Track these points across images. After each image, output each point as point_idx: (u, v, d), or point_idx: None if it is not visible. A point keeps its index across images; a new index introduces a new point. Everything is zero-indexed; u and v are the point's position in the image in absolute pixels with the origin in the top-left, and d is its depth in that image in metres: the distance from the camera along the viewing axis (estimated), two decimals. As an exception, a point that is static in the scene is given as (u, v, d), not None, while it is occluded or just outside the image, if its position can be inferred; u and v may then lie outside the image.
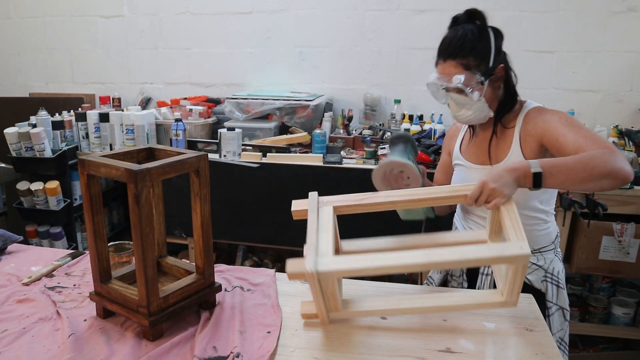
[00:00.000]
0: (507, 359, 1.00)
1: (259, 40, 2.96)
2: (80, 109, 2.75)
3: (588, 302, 2.45)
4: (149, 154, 1.18)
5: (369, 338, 1.07)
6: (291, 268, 0.95)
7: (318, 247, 0.94)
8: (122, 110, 2.73)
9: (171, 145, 2.43)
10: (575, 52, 2.61)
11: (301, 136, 2.48)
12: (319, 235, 0.94)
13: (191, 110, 2.67)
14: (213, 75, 3.08)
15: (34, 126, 2.51)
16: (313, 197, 1.02)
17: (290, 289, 1.30)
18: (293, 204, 1.12)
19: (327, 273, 0.94)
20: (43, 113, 2.55)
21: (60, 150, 2.55)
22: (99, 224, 1.09)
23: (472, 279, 1.46)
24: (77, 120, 2.65)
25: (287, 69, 2.97)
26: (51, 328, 1.09)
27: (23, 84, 3.37)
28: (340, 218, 1.13)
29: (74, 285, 1.30)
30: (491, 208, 1.12)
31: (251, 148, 2.43)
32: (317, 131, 2.41)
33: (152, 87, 3.18)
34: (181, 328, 1.09)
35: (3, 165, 2.70)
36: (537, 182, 1.12)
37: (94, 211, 1.08)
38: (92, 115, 2.63)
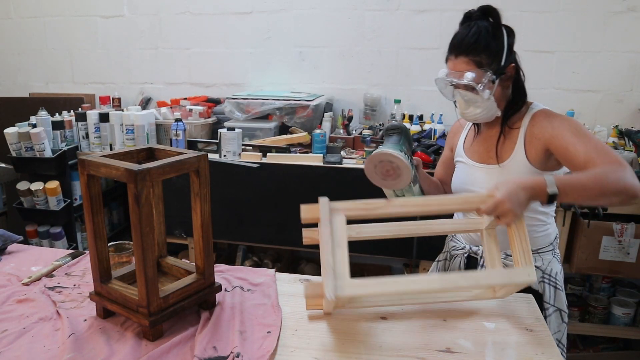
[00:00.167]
0: (507, 359, 1.00)
1: (259, 40, 2.96)
2: (80, 109, 2.75)
3: (588, 302, 2.45)
4: (149, 154, 1.18)
5: (369, 338, 1.07)
6: (310, 292, 0.94)
7: (335, 269, 0.91)
8: (122, 110, 2.73)
9: (171, 145, 2.43)
10: (575, 52, 2.61)
11: (301, 136, 2.48)
12: (335, 253, 0.91)
13: (191, 110, 2.67)
14: (213, 75, 3.08)
15: (34, 126, 2.51)
16: (324, 206, 0.95)
17: (290, 289, 1.30)
18: (302, 210, 1.05)
19: (346, 297, 0.94)
20: (43, 113, 2.55)
21: (60, 150, 2.55)
22: (99, 224, 1.09)
23: None
24: (77, 120, 2.65)
25: (287, 69, 2.97)
26: (51, 328, 1.09)
27: (23, 84, 3.37)
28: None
29: (74, 285, 1.30)
30: (501, 224, 1.12)
31: (251, 148, 2.43)
32: (317, 131, 2.41)
33: (152, 87, 3.19)
34: (181, 328, 1.09)
35: (3, 165, 2.70)
36: (551, 200, 1.12)
37: (94, 211, 1.08)
38: (92, 115, 2.63)
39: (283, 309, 1.18)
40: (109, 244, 1.25)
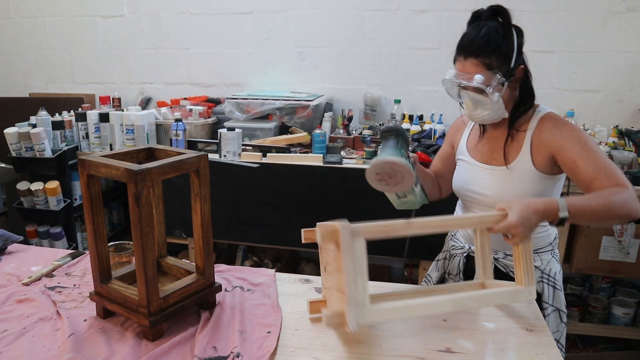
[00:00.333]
0: (507, 359, 1.00)
1: (259, 40, 2.96)
2: (80, 109, 2.75)
3: (588, 302, 2.45)
4: (149, 154, 1.18)
5: (369, 338, 1.07)
6: (331, 322, 0.96)
7: (357, 298, 0.94)
8: (122, 110, 2.73)
9: (171, 145, 2.43)
10: (575, 52, 2.61)
11: (301, 136, 2.48)
12: (357, 281, 0.93)
13: (191, 110, 2.67)
14: (213, 75, 3.08)
15: (34, 126, 2.51)
16: (346, 231, 0.92)
17: (290, 289, 1.30)
18: (304, 233, 1.01)
19: (367, 324, 0.99)
20: (43, 113, 2.55)
21: (60, 150, 2.54)
22: (99, 224, 1.09)
23: (469, 277, 1.46)
24: (77, 120, 2.65)
25: (287, 69, 2.97)
26: (51, 328, 1.09)
27: (23, 84, 3.37)
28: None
29: (74, 285, 1.30)
30: (510, 243, 1.14)
31: (251, 148, 2.43)
32: (317, 131, 2.41)
33: (152, 87, 3.19)
34: (181, 328, 1.09)
35: (3, 165, 2.70)
36: (560, 223, 1.17)
37: (94, 211, 1.08)
38: (92, 115, 2.63)
39: (283, 309, 1.18)
40: (109, 244, 1.25)
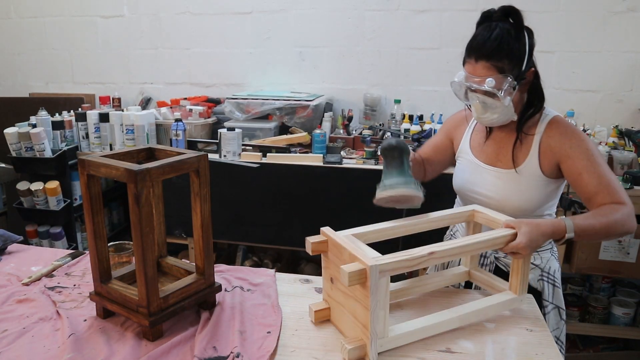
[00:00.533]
0: (507, 359, 1.00)
1: (259, 40, 2.96)
2: (80, 109, 2.75)
3: (588, 302, 2.45)
4: (149, 154, 1.18)
5: (369, 338, 1.07)
6: (353, 356, 0.98)
7: (378, 332, 0.98)
8: (122, 110, 2.73)
9: (171, 145, 2.43)
10: (575, 52, 2.61)
11: (301, 136, 2.48)
12: (379, 315, 0.97)
13: (191, 110, 2.67)
14: (213, 75, 3.08)
15: (34, 126, 2.51)
16: (374, 273, 0.92)
17: (290, 289, 1.30)
18: (345, 276, 0.95)
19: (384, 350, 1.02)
20: (43, 113, 2.56)
21: (60, 150, 2.55)
22: (99, 224, 1.09)
23: None
24: (77, 120, 2.65)
25: (287, 69, 2.97)
26: (51, 328, 1.09)
27: (23, 84, 3.37)
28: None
29: (74, 285, 1.30)
30: (514, 258, 1.16)
31: (251, 148, 2.43)
32: (317, 131, 2.41)
33: (152, 87, 3.19)
34: (181, 328, 1.09)
35: (3, 165, 2.70)
36: (565, 242, 1.20)
37: (94, 211, 1.08)
38: (92, 115, 2.63)
39: (283, 309, 1.18)
40: (109, 244, 1.25)
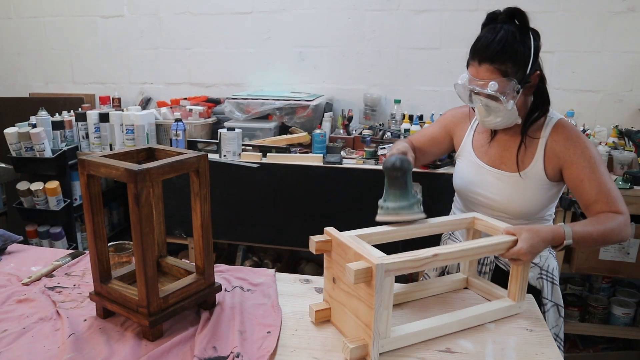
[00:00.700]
0: (507, 359, 1.00)
1: (259, 40, 2.96)
2: (80, 109, 2.75)
3: (588, 302, 2.45)
4: (149, 154, 1.18)
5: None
6: (354, 356, 0.98)
7: (381, 332, 0.98)
8: (122, 110, 2.73)
9: (171, 145, 2.43)
10: (575, 52, 2.61)
11: (301, 136, 2.48)
12: (382, 316, 0.97)
13: (191, 110, 2.67)
14: (213, 75, 3.08)
15: (34, 126, 2.51)
16: (380, 272, 0.93)
17: (290, 289, 1.30)
18: (351, 274, 0.95)
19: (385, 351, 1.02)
20: (43, 113, 2.55)
21: (60, 150, 2.54)
22: (99, 224, 1.09)
23: None
24: (77, 120, 2.65)
25: (287, 69, 2.97)
26: (51, 328, 1.09)
27: (23, 84, 3.37)
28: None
29: (74, 285, 1.30)
30: (514, 265, 1.16)
31: (251, 148, 2.43)
32: (317, 131, 2.41)
33: (152, 87, 3.19)
34: (181, 328, 1.09)
35: (3, 165, 2.70)
36: (564, 248, 1.20)
37: (94, 211, 1.08)
38: (92, 115, 2.63)
39: (283, 309, 1.18)
40: (109, 244, 1.25)
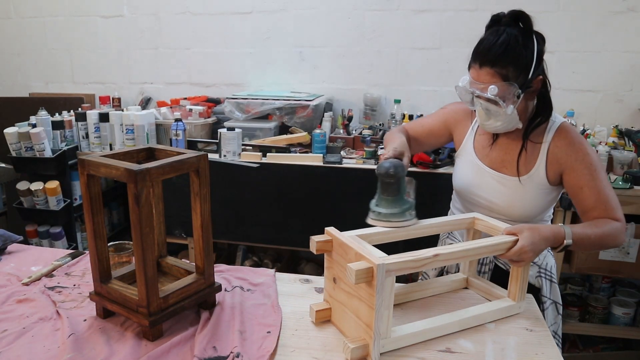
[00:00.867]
0: (507, 359, 1.00)
1: (259, 40, 2.96)
2: (80, 109, 2.75)
3: (588, 302, 2.45)
4: (149, 154, 1.18)
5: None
6: (355, 356, 0.98)
7: (381, 332, 0.98)
8: (122, 110, 2.73)
9: (171, 145, 2.43)
10: (575, 52, 2.61)
11: (301, 136, 2.48)
12: (383, 315, 0.97)
13: (191, 110, 2.67)
14: (213, 75, 3.08)
15: (34, 126, 2.51)
16: (381, 270, 0.93)
17: (290, 289, 1.30)
18: (352, 274, 0.95)
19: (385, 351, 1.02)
20: (43, 113, 2.55)
21: (60, 150, 2.54)
22: (99, 224, 1.09)
23: None
24: (77, 120, 2.65)
25: (287, 69, 2.97)
26: (51, 328, 1.09)
27: (23, 84, 3.37)
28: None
29: (74, 285, 1.30)
30: (515, 266, 1.16)
31: (251, 148, 2.43)
32: (317, 131, 2.41)
33: (152, 87, 3.19)
34: (181, 328, 1.09)
35: (3, 165, 2.70)
36: (563, 249, 1.21)
37: (94, 211, 1.08)
38: (92, 115, 2.63)
39: (283, 309, 1.18)
40: (109, 244, 1.25)
